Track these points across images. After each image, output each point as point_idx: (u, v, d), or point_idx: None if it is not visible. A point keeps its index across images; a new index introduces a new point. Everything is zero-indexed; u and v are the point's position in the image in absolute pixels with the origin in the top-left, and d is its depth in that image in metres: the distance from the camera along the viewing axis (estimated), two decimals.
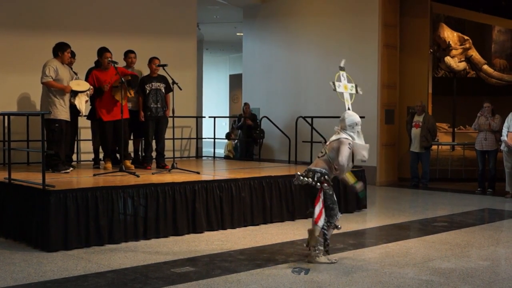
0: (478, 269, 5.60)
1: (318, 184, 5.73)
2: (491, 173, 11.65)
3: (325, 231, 5.77)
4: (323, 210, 5.76)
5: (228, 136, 16.27)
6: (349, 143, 5.83)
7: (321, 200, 5.77)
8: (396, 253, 6.34)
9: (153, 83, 9.04)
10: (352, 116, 5.95)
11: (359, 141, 5.90)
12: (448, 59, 15.55)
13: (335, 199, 5.93)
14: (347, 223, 8.18)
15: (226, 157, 15.52)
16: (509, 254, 6.43)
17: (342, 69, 6.31)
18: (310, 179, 5.75)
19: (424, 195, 11.60)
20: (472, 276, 5.35)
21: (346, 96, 6.20)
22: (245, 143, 14.98)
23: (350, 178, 6.13)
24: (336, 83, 6.15)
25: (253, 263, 5.79)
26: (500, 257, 6.25)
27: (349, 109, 6.09)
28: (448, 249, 6.43)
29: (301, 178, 5.79)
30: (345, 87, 6.25)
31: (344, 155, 5.76)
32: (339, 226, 5.92)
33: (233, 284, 5.05)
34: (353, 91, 6.29)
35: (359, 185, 6.17)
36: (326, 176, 5.80)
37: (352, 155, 5.92)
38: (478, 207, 9.74)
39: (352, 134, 5.88)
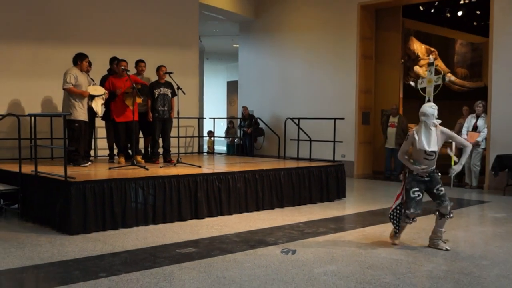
0: (441, 250, 5.66)
1: (400, 176, 5.74)
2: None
3: (392, 218, 5.75)
4: (398, 200, 5.73)
5: (209, 134, 16.13)
6: (409, 134, 5.65)
7: (399, 190, 5.76)
8: (371, 236, 6.39)
9: (161, 89, 9.06)
10: (423, 107, 5.58)
11: (424, 131, 5.51)
12: (417, 68, 15.65)
13: (411, 195, 5.60)
14: (329, 210, 8.25)
15: (207, 152, 15.36)
16: (467, 237, 6.49)
17: (431, 64, 5.95)
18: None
19: (395, 186, 11.58)
20: (436, 256, 5.41)
21: (429, 89, 5.86)
22: (248, 141, 14.92)
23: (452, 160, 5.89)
24: (419, 80, 5.90)
25: (247, 245, 5.82)
26: (460, 239, 6.30)
27: (429, 101, 5.73)
28: (415, 233, 6.48)
29: None
30: (429, 81, 5.94)
31: (402, 146, 5.72)
32: (409, 221, 5.72)
33: (230, 263, 5.09)
34: (439, 82, 5.94)
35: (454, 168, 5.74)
36: (406, 170, 5.67)
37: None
38: None
39: (422, 123, 5.54)
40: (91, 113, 8.58)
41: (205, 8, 13.71)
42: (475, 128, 10.92)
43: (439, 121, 5.57)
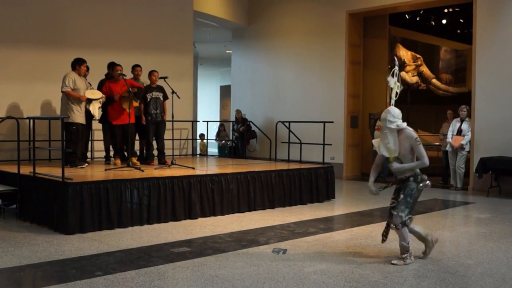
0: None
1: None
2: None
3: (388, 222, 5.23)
4: None
5: (201, 137, 16.05)
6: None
7: None
8: (359, 236, 6.38)
9: (153, 93, 9.03)
10: (383, 112, 5.11)
11: (381, 136, 5.18)
12: (403, 74, 15.66)
13: (390, 204, 5.24)
14: (318, 211, 8.23)
15: (200, 154, 15.32)
16: (453, 237, 6.50)
17: (394, 66, 5.36)
18: None
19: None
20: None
21: (393, 93, 5.29)
22: (240, 143, 14.89)
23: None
24: (390, 78, 5.25)
25: (239, 244, 5.79)
26: (446, 239, 6.31)
27: (392, 104, 5.18)
28: None
29: None
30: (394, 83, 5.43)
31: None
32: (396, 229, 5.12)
33: (222, 262, 5.06)
34: (398, 89, 5.30)
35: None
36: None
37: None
38: (428, 198, 9.78)
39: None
40: (89, 116, 8.54)
41: (199, 16, 13.69)
42: (459, 132, 10.96)
43: (404, 124, 5.06)
